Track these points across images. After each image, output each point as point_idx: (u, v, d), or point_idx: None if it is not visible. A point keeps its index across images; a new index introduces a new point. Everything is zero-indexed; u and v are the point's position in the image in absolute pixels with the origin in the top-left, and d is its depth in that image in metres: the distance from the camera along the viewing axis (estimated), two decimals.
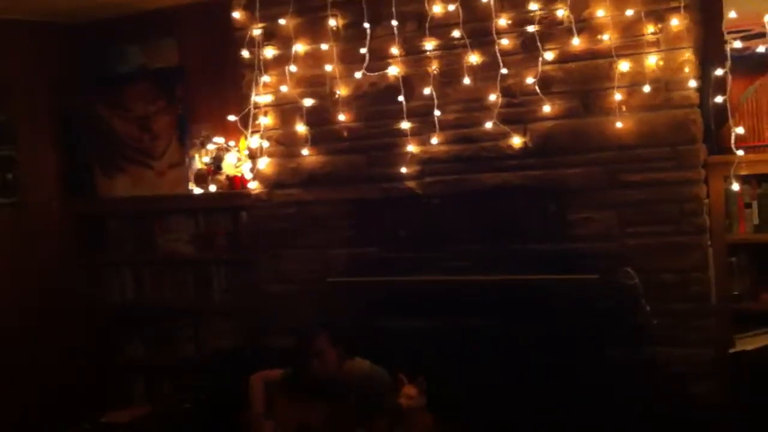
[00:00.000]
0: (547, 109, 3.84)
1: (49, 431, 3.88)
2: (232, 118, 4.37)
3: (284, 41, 4.32)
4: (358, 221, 4.34)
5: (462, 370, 3.85)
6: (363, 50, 4.11)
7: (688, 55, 3.63)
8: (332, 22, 4.21)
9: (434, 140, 4.06)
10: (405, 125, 4.10)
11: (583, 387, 3.67)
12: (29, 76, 5.14)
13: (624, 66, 3.70)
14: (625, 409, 3.55)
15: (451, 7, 3.95)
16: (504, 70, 3.87)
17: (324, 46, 4.24)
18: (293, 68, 4.30)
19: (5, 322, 4.90)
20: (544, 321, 3.79)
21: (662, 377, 3.64)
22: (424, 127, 4.09)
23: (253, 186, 4.52)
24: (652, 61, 3.67)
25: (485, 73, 3.94)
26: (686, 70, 3.63)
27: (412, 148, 4.12)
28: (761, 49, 3.70)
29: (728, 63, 3.61)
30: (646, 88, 3.67)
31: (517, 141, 3.91)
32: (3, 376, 4.68)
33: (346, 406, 3.68)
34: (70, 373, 5.17)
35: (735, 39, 3.69)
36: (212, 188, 4.82)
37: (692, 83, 3.63)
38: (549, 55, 3.82)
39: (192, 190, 4.93)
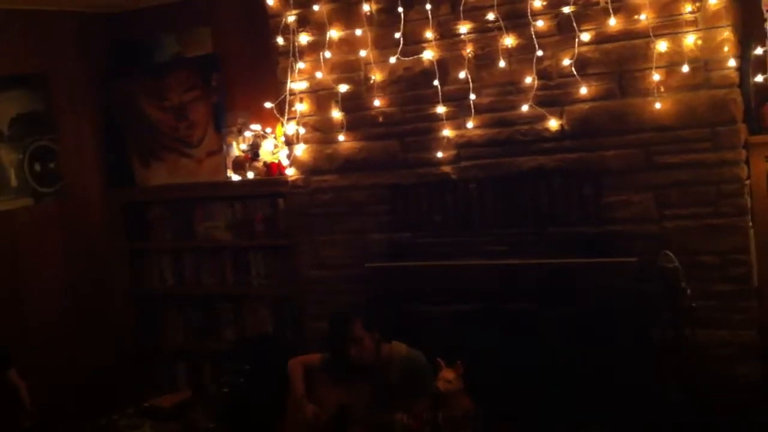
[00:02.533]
0: (583, 90, 3.81)
1: (94, 415, 3.95)
2: (268, 105, 4.41)
3: (319, 27, 4.34)
4: (394, 206, 4.35)
5: (500, 355, 3.85)
6: (397, 35, 4.11)
7: (727, 33, 3.58)
8: (366, 8, 4.21)
9: (470, 124, 4.05)
10: (440, 109, 4.10)
11: (622, 371, 3.66)
12: (69, 66, 5.20)
13: (662, 46, 3.66)
14: (667, 391, 3.54)
15: None
16: (540, 53, 3.85)
17: (358, 32, 4.24)
18: (328, 54, 4.31)
19: (51, 309, 5.00)
20: (582, 305, 3.78)
21: (704, 359, 3.61)
22: (459, 111, 4.08)
23: (291, 172, 4.55)
24: (691, 40, 3.62)
25: (521, 55, 3.92)
26: (725, 49, 3.58)
27: (447, 132, 4.11)
28: None
29: None
30: (685, 68, 3.62)
31: (553, 124, 3.89)
32: (50, 361, 4.78)
33: (386, 389, 3.70)
34: (113, 358, 5.27)
35: None
36: (250, 175, 4.85)
37: (732, 62, 3.58)
38: (585, 36, 3.78)
39: (230, 178, 4.97)
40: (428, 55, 4.10)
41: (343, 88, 4.32)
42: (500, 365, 3.81)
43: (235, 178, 4.92)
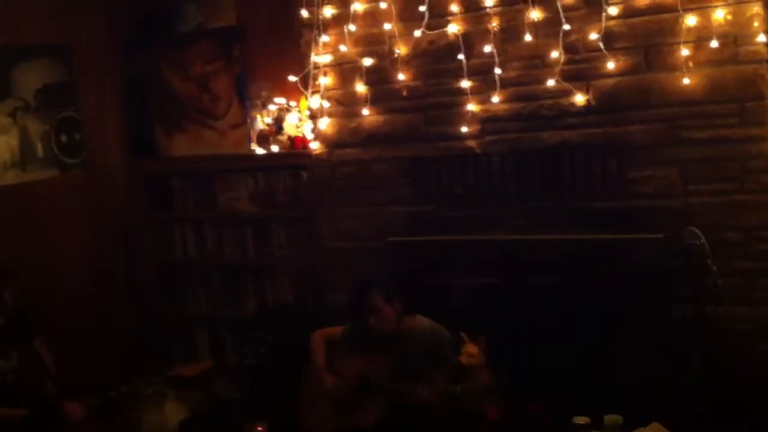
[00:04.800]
0: (610, 65, 3.79)
1: (119, 383, 4.00)
2: (292, 78, 4.40)
3: (343, 0, 4.32)
4: (416, 180, 4.35)
5: (521, 329, 3.87)
6: (422, 8, 4.08)
7: (757, 8, 3.55)
8: None
9: (495, 98, 4.04)
10: (465, 84, 4.08)
11: (645, 347, 3.67)
12: (92, 36, 5.19)
13: (691, 20, 3.62)
14: (690, 368, 3.54)
15: None
16: (566, 26, 3.83)
17: (383, 5, 4.21)
18: (352, 27, 4.29)
19: (76, 279, 5.05)
20: (604, 279, 3.78)
21: (725, 336, 3.61)
22: (484, 85, 4.07)
23: (315, 146, 4.56)
24: (720, 14, 3.59)
25: (547, 29, 3.90)
26: (755, 24, 3.55)
27: (471, 106, 4.10)
28: None
29: None
30: (713, 43, 3.59)
31: (579, 98, 3.87)
32: (73, 330, 4.84)
33: (404, 361, 3.73)
34: (137, 327, 5.33)
35: None
36: (274, 148, 4.86)
37: (761, 38, 3.54)
38: (613, 10, 3.76)
39: (254, 150, 4.98)
40: (453, 28, 4.08)
41: (368, 61, 4.31)
42: (520, 339, 3.82)
43: (260, 151, 4.93)
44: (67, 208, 5.03)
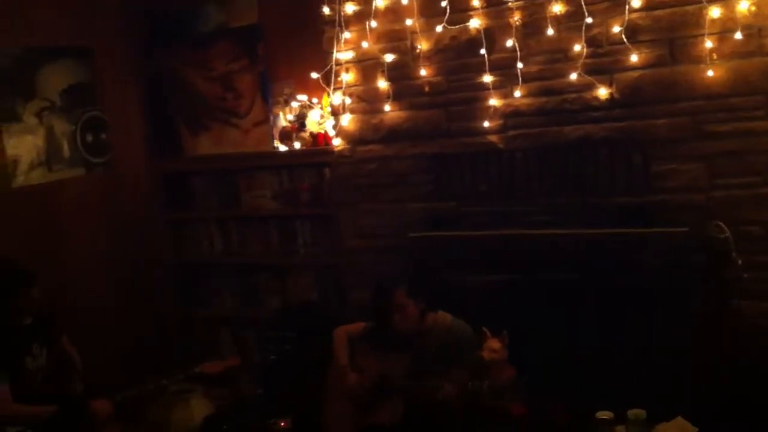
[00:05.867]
0: (633, 58, 3.76)
1: (144, 381, 4.03)
2: (314, 75, 4.41)
3: None
4: (437, 176, 4.34)
5: (544, 325, 3.84)
6: (443, 3, 4.08)
7: None
8: None
9: (517, 93, 4.02)
10: (487, 78, 4.07)
11: (668, 343, 3.64)
12: (113, 38, 5.24)
13: (715, 12, 3.58)
14: (713, 365, 3.50)
15: None
16: (589, 20, 3.80)
17: (404, 1, 4.21)
18: (374, 23, 4.29)
19: (100, 278, 5.10)
20: (628, 276, 3.75)
21: (745, 330, 3.57)
22: (506, 80, 4.05)
23: (337, 143, 4.56)
24: (744, 6, 3.54)
25: (569, 23, 3.87)
26: None
27: (494, 101, 4.09)
28: None
29: None
30: (738, 35, 3.55)
31: (603, 92, 3.84)
32: (101, 329, 4.88)
33: (424, 359, 3.72)
34: (158, 325, 5.37)
35: None
36: (297, 145, 4.87)
37: None
38: (636, 2, 3.72)
39: (277, 148, 5.00)
40: (475, 23, 4.07)
41: (389, 57, 4.30)
42: (542, 335, 3.80)
43: (282, 148, 4.95)
44: (91, 207, 5.08)
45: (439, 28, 4.11)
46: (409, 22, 4.21)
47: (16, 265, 3.74)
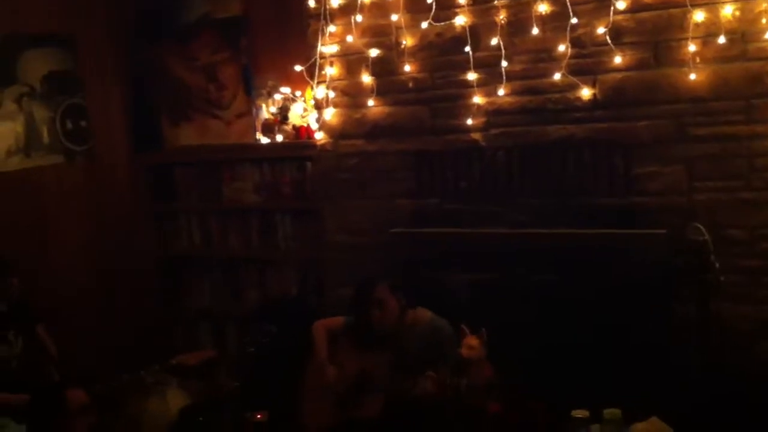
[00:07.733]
0: (617, 60, 3.77)
1: (122, 372, 4.02)
2: (298, 68, 4.39)
3: None
4: (420, 173, 4.34)
5: (522, 324, 3.85)
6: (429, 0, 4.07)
7: (765, 5, 3.51)
8: None
9: (501, 91, 4.02)
10: (471, 76, 4.07)
11: (645, 344, 3.66)
12: (97, 26, 5.20)
13: (699, 16, 3.60)
14: (690, 366, 3.52)
15: None
16: (574, 20, 3.81)
17: None
18: (359, 18, 4.28)
19: (80, 267, 5.06)
20: (607, 277, 3.77)
21: (726, 334, 3.60)
22: (490, 78, 4.05)
23: (319, 136, 4.55)
24: (728, 11, 3.56)
25: (554, 23, 3.88)
26: (763, 20, 3.52)
27: (477, 99, 4.09)
28: None
29: None
30: (721, 39, 3.57)
31: (586, 93, 3.85)
32: (80, 321, 4.85)
33: (405, 356, 3.72)
34: (139, 318, 5.33)
35: None
36: (279, 138, 4.86)
37: None
38: (621, 5, 3.73)
39: (259, 140, 4.98)
40: (460, 20, 4.07)
41: (374, 52, 4.30)
42: (520, 334, 3.80)
43: (264, 140, 4.93)
44: (72, 195, 5.04)
45: (424, 25, 4.11)
46: (394, 17, 4.20)
47: None
